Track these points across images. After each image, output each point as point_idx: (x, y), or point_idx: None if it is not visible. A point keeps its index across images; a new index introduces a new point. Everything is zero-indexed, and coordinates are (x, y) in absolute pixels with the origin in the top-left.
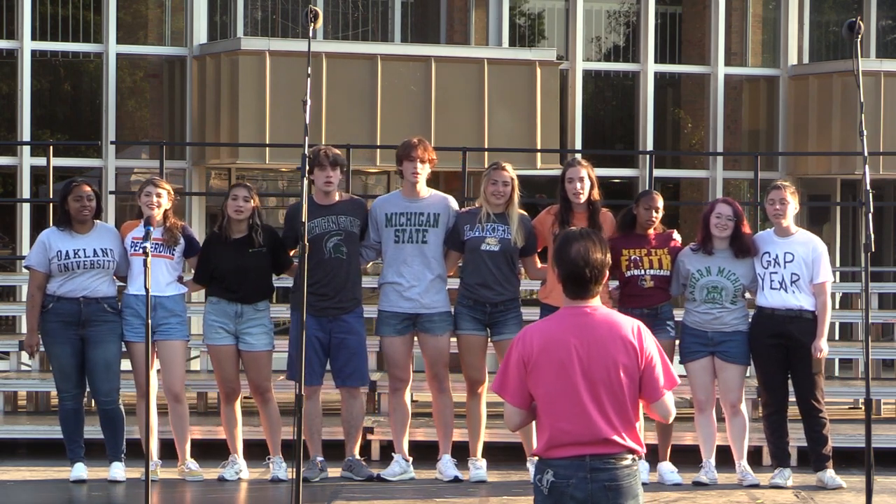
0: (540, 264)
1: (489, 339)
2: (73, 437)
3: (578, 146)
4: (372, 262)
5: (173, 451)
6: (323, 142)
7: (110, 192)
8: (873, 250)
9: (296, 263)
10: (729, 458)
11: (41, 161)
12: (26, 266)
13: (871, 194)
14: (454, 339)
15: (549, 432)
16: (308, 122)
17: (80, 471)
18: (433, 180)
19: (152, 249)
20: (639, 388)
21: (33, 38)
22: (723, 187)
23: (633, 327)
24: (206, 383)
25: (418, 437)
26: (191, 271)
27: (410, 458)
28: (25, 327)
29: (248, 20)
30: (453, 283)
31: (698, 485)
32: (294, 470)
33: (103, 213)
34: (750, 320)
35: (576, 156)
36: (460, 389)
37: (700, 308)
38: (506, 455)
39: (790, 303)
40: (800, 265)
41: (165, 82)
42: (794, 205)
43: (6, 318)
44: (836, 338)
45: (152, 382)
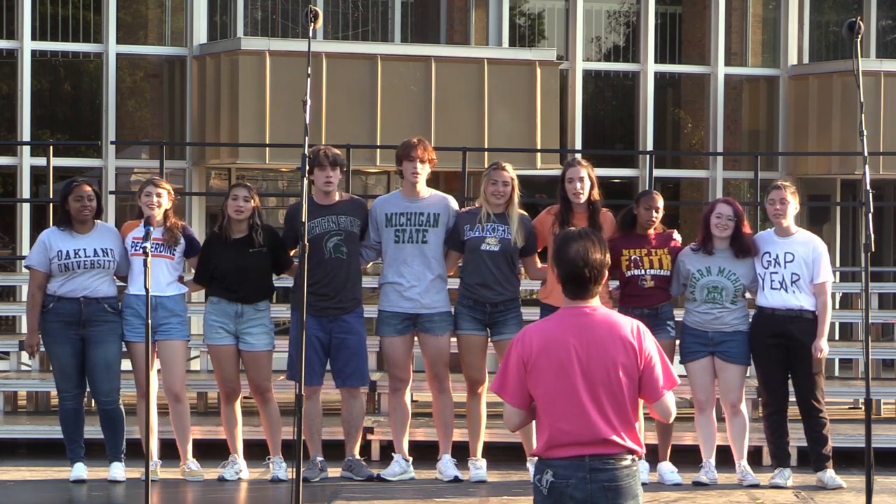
0: (540, 264)
1: (489, 339)
2: (73, 437)
3: (578, 146)
4: (372, 262)
5: (173, 451)
6: (323, 142)
7: (110, 192)
8: (873, 250)
9: (296, 263)
10: (729, 458)
11: (41, 161)
12: (27, 266)
13: (871, 194)
14: (454, 339)
15: (549, 432)
16: (308, 122)
17: (80, 471)
18: (433, 180)
19: (152, 249)
20: (638, 389)
21: (33, 38)
22: (723, 187)
23: (632, 327)
24: (206, 383)
25: (418, 437)
26: (191, 271)
27: (410, 458)
28: (26, 327)
29: (248, 20)
30: (453, 283)
31: (698, 485)
32: (294, 470)
33: (103, 214)
34: (750, 320)
35: (576, 156)
36: (460, 389)
37: (700, 308)
38: (506, 455)
39: (790, 303)
40: (800, 265)
41: (165, 82)
42: (794, 205)
43: (6, 318)
44: (836, 338)
45: (152, 382)
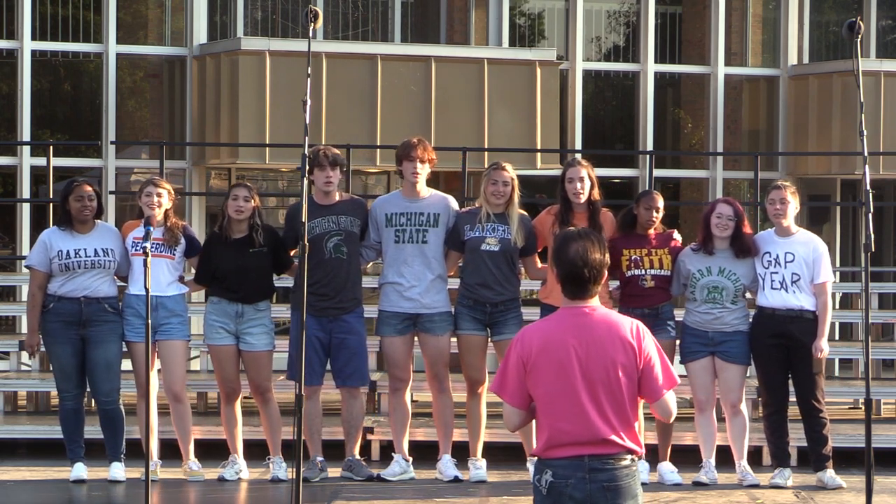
0: (540, 264)
1: (489, 339)
2: (73, 437)
3: (578, 146)
4: (372, 262)
5: (173, 451)
6: (323, 142)
7: (110, 192)
8: (873, 250)
9: (296, 263)
10: (729, 458)
11: (41, 161)
12: (27, 266)
13: (871, 194)
14: (454, 339)
15: (548, 432)
16: (308, 122)
17: (80, 471)
18: (433, 180)
19: (153, 249)
20: (638, 388)
21: (33, 38)
22: (723, 187)
23: (631, 327)
24: (207, 383)
25: (418, 437)
26: (191, 271)
27: (410, 458)
28: (26, 327)
29: (248, 20)
30: (453, 283)
31: (698, 485)
32: (294, 470)
33: (104, 214)
34: (750, 320)
35: (576, 156)
36: (460, 389)
37: (700, 308)
38: (506, 455)
39: (791, 303)
40: (800, 265)
41: (165, 82)
42: (794, 205)
43: (6, 318)
44: (837, 338)
45: (153, 382)
